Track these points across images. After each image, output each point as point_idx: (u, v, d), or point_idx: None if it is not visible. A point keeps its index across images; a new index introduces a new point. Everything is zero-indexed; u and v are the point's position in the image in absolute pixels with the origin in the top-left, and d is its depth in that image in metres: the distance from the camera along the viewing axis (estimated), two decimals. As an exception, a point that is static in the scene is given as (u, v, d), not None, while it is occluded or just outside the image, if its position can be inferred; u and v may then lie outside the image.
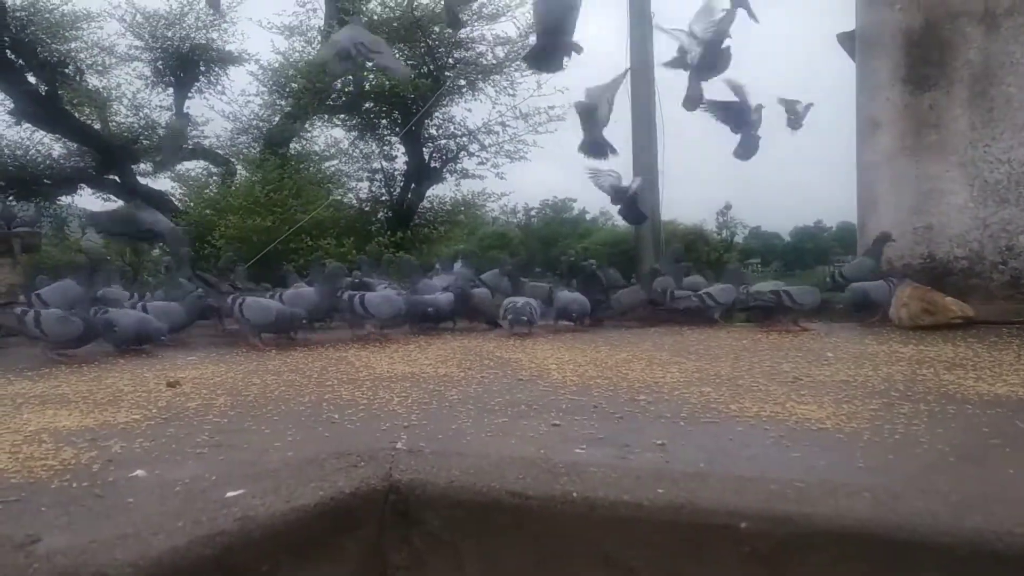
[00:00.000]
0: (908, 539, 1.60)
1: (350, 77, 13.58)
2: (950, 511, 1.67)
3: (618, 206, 7.71)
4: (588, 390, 3.48)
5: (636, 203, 7.55)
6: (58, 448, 2.50)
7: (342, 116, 16.21)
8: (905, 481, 2.00)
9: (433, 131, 16.22)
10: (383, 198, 16.80)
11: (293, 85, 14.87)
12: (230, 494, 1.84)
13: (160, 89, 16.38)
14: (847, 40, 7.20)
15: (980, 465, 2.23)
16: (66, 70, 15.30)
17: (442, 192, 17.23)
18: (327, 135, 16.94)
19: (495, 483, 1.93)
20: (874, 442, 2.45)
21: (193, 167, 17.28)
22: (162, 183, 17.18)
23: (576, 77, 16.39)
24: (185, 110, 16.20)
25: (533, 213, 38.87)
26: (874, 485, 1.86)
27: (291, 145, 15.89)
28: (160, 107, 16.62)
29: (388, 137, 16.41)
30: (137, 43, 15.67)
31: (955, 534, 1.59)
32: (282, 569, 1.71)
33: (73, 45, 15.35)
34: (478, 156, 16.43)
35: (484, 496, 1.91)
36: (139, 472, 2.18)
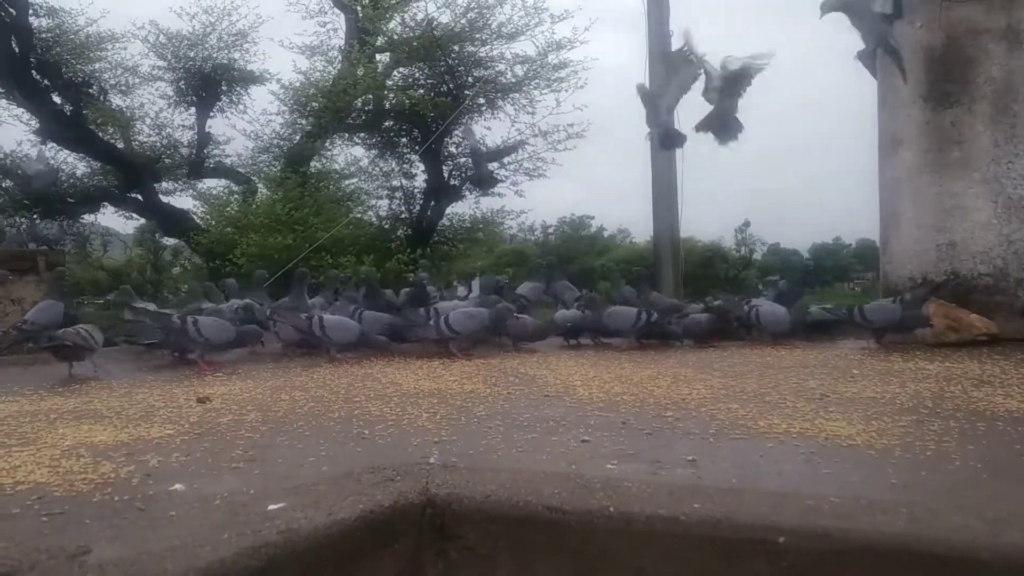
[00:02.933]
0: (946, 554, 1.61)
1: None
2: (987, 527, 1.67)
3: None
4: (615, 406, 3.49)
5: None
6: (96, 462, 2.53)
7: (362, 135, 16.33)
8: (940, 497, 2.01)
9: (452, 149, 16.32)
10: (403, 216, 16.90)
11: (314, 104, 14.99)
12: (271, 507, 1.87)
13: (182, 109, 16.56)
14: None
15: (1014, 482, 2.23)
16: (90, 90, 15.51)
17: (461, 209, 17.32)
18: (347, 153, 17.10)
19: (531, 498, 1.95)
20: (906, 459, 2.46)
21: (215, 185, 17.46)
22: (184, 201, 17.37)
23: (594, 94, 16.45)
24: (207, 129, 16.40)
25: (551, 230, 38.87)
26: (910, 501, 1.87)
27: (311, 163, 16.03)
28: (182, 126, 16.81)
29: (408, 155, 16.53)
30: (160, 63, 15.89)
31: (993, 550, 1.60)
32: (325, 582, 1.73)
33: (97, 66, 15.57)
34: (497, 174, 16.48)
35: (520, 510, 1.93)
36: (178, 486, 2.22)
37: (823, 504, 1.80)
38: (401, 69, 15.84)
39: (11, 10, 14.02)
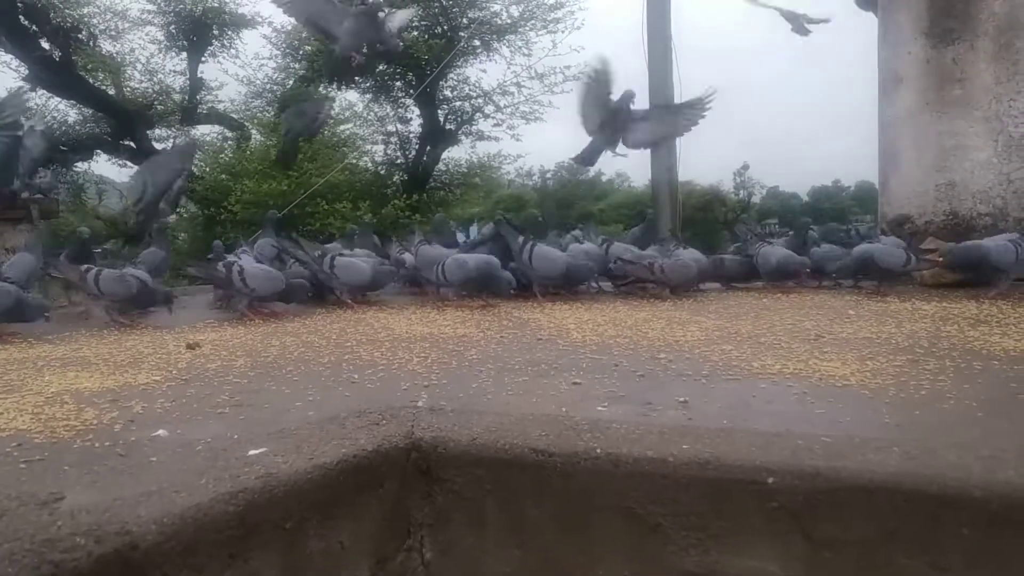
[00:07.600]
0: (939, 493, 1.57)
1: None
2: (982, 465, 1.64)
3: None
4: (608, 349, 3.46)
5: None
6: (80, 409, 2.50)
7: (356, 79, 16.11)
8: (933, 436, 1.98)
9: (448, 93, 16.12)
10: (398, 161, 16.77)
11: (307, 48, 14.77)
12: (252, 452, 1.83)
13: (174, 54, 16.33)
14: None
15: (1009, 420, 2.20)
16: (79, 35, 15.24)
17: (457, 155, 17.21)
18: (341, 98, 16.86)
19: (518, 440, 1.91)
20: (900, 398, 2.42)
21: (208, 131, 17.29)
22: (177, 148, 17.18)
23: (590, 35, 16.24)
24: (199, 74, 16.17)
25: (548, 175, 38.57)
26: (903, 440, 1.83)
27: (305, 108, 15.81)
28: (174, 72, 16.58)
29: (403, 99, 16.32)
30: (150, 7, 15.64)
31: (988, 488, 1.56)
32: (307, 527, 1.70)
33: (86, 10, 15.31)
34: (493, 118, 16.34)
35: (507, 453, 1.90)
36: (161, 431, 2.18)
37: (814, 444, 1.77)
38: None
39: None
